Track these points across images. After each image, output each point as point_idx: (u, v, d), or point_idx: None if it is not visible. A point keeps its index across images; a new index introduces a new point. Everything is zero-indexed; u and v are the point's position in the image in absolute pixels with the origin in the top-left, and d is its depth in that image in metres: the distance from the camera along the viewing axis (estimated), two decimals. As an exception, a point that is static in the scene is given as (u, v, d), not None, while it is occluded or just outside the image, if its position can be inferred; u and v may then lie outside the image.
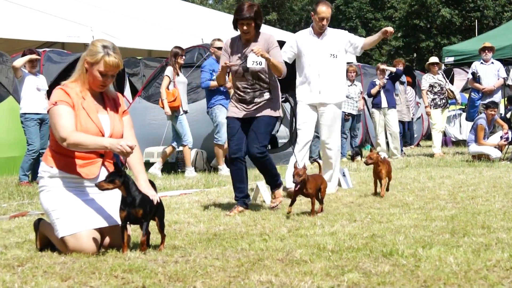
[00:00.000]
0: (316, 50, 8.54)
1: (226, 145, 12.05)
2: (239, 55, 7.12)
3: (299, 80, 8.67)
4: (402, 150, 15.95)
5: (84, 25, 17.64)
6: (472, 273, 3.97)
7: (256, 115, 7.10)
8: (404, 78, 15.79)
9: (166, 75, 11.94)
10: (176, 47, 12.34)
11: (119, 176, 4.72)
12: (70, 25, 17.70)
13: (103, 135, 5.04)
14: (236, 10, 6.99)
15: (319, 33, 8.57)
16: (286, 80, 7.79)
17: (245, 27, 6.95)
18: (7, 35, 17.02)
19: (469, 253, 4.52)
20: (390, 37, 8.74)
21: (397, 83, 15.77)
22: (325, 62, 8.52)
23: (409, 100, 17.19)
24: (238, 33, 7.18)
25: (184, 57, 12.18)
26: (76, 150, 4.91)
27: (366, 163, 8.16)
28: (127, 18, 20.80)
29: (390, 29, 8.41)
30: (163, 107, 11.83)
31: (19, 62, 10.88)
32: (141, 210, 4.77)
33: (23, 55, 11.19)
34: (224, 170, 11.93)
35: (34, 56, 11.08)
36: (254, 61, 6.98)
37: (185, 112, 12.02)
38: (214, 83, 11.62)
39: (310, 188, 6.66)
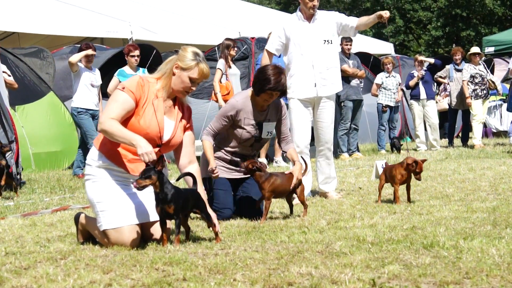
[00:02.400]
0: (308, 37, 7.48)
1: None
2: (253, 122, 6.47)
3: (289, 73, 7.57)
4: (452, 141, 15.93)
5: (122, 20, 17.80)
6: (515, 265, 3.92)
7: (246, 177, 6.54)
8: (463, 65, 15.52)
9: (218, 68, 12.00)
10: (227, 39, 12.43)
11: (154, 172, 4.73)
12: (108, 21, 17.87)
13: (161, 137, 5.06)
14: (268, 78, 6.26)
15: (309, 17, 7.50)
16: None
17: (273, 97, 6.38)
18: (47, 32, 17.27)
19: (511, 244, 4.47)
20: (385, 21, 7.58)
21: (453, 70, 15.59)
22: (319, 50, 7.48)
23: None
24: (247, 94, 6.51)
25: (235, 48, 12.14)
26: (106, 137, 4.94)
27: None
28: (164, 12, 20.92)
29: (385, 14, 7.37)
30: (216, 101, 11.89)
31: (75, 57, 11.04)
32: (173, 206, 4.79)
33: (80, 50, 11.36)
34: (281, 162, 12.03)
35: (90, 52, 11.21)
36: (269, 132, 6.56)
37: None
38: None
39: (263, 189, 6.02)
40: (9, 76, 10.72)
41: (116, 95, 5.01)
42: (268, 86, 6.27)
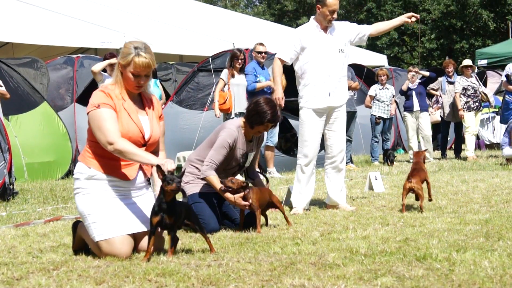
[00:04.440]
0: (324, 46, 7.52)
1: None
2: (242, 152, 6.54)
3: (302, 82, 7.61)
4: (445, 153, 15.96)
5: (116, 31, 17.79)
6: (508, 277, 3.93)
7: None
8: (455, 78, 15.64)
9: (220, 78, 12.07)
10: (236, 48, 12.50)
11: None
12: (103, 31, 17.87)
13: (143, 136, 5.08)
14: (266, 112, 6.37)
15: (325, 27, 7.56)
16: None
17: (268, 129, 6.56)
18: (41, 42, 17.24)
19: (504, 257, 4.47)
20: (412, 25, 7.73)
21: (446, 83, 15.68)
22: (334, 59, 7.54)
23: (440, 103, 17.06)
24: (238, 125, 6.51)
25: (240, 60, 12.11)
26: (119, 156, 4.95)
27: None
28: (159, 23, 20.93)
29: (417, 16, 7.63)
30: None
31: (97, 67, 11.20)
32: (173, 217, 4.79)
33: (105, 59, 11.51)
34: (274, 173, 12.01)
35: (113, 61, 11.32)
36: (250, 161, 6.65)
37: (240, 114, 11.83)
38: (260, 85, 11.73)
39: (254, 200, 6.08)
40: (1, 86, 10.70)
41: (99, 114, 4.97)
42: (267, 119, 6.38)
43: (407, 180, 7.13)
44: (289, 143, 15.06)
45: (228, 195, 6.16)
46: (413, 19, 7.65)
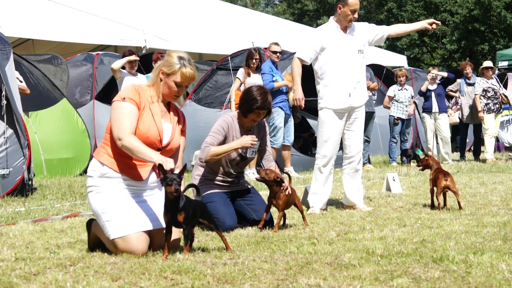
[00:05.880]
0: (344, 47, 7.50)
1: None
2: None
3: (322, 82, 7.58)
4: (464, 155, 15.89)
5: (136, 29, 17.88)
6: (525, 280, 3.90)
7: (243, 188, 6.72)
8: (474, 79, 15.57)
9: (237, 77, 12.11)
10: (252, 47, 12.51)
11: (180, 179, 4.77)
12: (123, 29, 17.95)
13: (161, 140, 5.11)
14: (255, 98, 6.35)
15: (344, 28, 7.53)
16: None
17: (261, 116, 6.47)
18: (61, 38, 17.37)
19: (521, 260, 4.44)
20: (432, 31, 7.78)
21: (464, 85, 15.62)
22: (354, 59, 7.53)
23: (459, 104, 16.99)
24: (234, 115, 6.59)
25: (254, 60, 12.11)
26: (127, 153, 4.98)
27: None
28: (178, 21, 20.99)
29: (438, 22, 7.69)
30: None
31: (117, 64, 11.23)
32: (183, 214, 4.79)
33: (123, 56, 11.53)
34: (292, 172, 12.00)
35: (132, 58, 11.35)
36: (253, 151, 6.60)
37: None
38: (277, 84, 11.75)
39: (280, 199, 6.10)
40: (21, 82, 10.76)
41: (121, 106, 5.04)
42: (256, 105, 6.36)
43: (443, 178, 7.16)
44: (306, 143, 15.04)
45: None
46: (434, 26, 7.65)
